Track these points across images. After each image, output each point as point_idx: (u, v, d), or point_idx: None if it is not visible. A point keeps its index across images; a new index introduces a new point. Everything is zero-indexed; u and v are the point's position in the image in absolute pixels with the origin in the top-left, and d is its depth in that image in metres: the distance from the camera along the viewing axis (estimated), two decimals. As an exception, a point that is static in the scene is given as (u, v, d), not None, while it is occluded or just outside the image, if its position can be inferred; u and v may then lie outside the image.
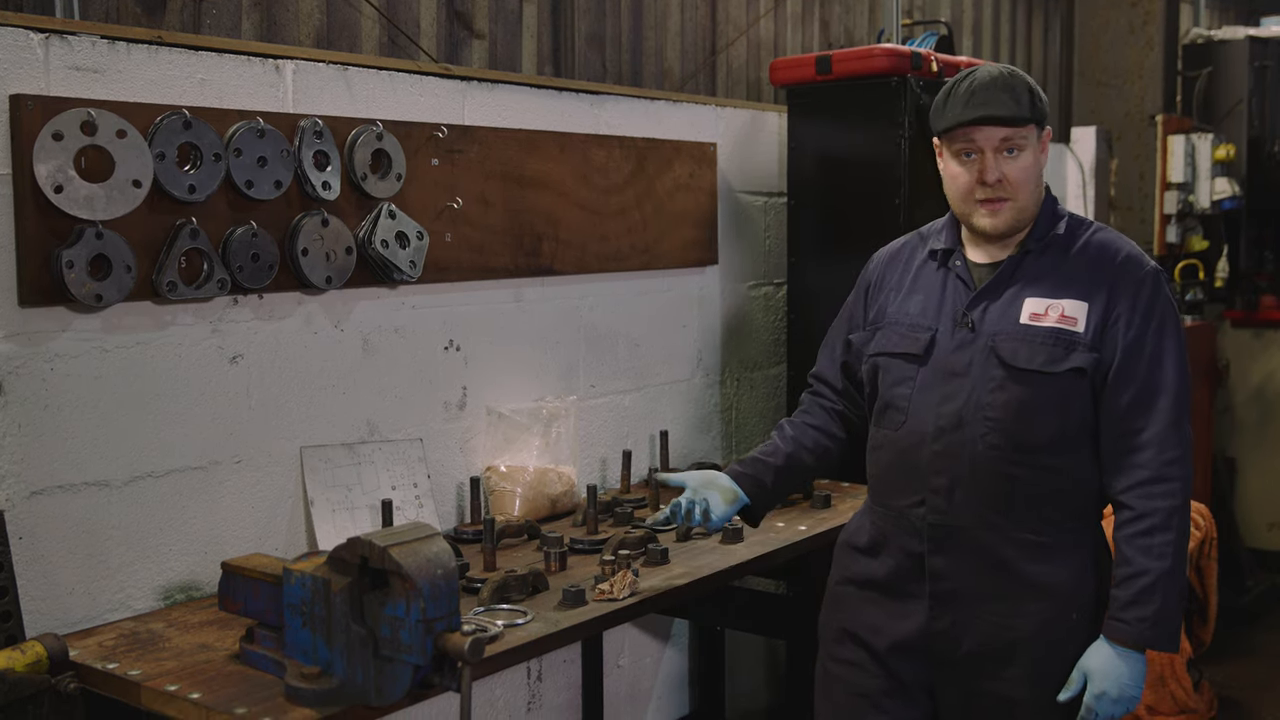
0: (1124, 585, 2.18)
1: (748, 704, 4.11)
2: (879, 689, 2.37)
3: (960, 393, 2.27)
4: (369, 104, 2.86)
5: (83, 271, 2.32)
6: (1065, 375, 2.22)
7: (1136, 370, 2.22)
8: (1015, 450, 2.23)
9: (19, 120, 2.26)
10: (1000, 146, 2.23)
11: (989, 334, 2.27)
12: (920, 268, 2.41)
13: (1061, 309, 2.24)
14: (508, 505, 3.08)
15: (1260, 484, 6.09)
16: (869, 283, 2.51)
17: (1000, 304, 2.28)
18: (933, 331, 2.33)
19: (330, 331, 2.82)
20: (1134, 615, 2.16)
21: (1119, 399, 2.22)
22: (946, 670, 2.32)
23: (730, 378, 3.99)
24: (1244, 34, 6.13)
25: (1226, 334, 6.15)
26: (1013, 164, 2.24)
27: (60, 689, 2.09)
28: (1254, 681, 4.74)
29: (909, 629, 2.32)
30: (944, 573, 2.29)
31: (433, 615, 1.84)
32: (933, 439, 2.28)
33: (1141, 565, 2.16)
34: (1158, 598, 2.15)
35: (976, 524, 2.26)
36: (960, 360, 2.28)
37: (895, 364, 2.36)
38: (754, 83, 4.35)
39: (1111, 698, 2.18)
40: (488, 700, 3.28)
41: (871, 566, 2.39)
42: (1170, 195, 5.81)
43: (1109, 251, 2.28)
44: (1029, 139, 2.25)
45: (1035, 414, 2.23)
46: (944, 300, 2.34)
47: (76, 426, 2.39)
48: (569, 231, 3.33)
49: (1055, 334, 2.23)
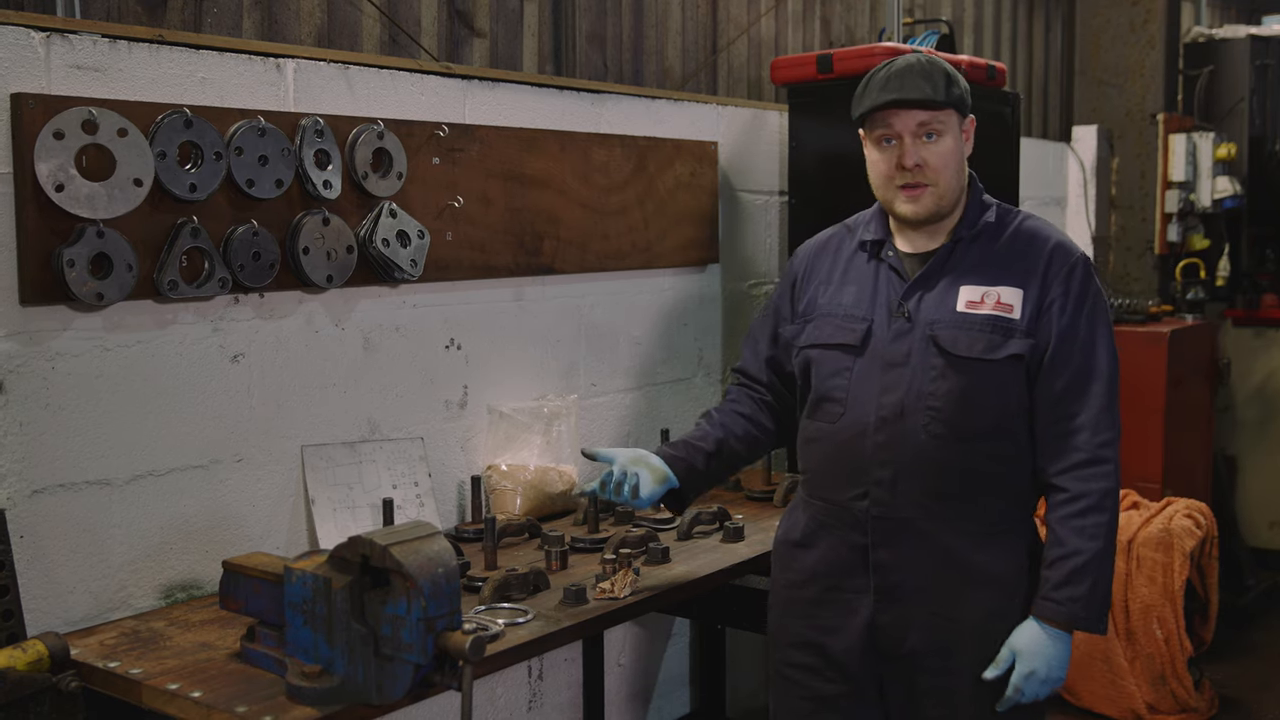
0: (1056, 566, 2.20)
1: (749, 702, 4.11)
2: (836, 692, 2.37)
3: (900, 383, 2.28)
4: (370, 103, 2.86)
5: (84, 270, 2.32)
6: (1005, 362, 2.24)
7: (1071, 356, 2.24)
8: (957, 439, 2.25)
9: (20, 119, 2.26)
10: (918, 131, 2.26)
11: (926, 323, 2.28)
12: (850, 259, 2.42)
13: (998, 296, 2.26)
14: (509, 504, 3.09)
15: (1261, 483, 6.09)
16: (795, 275, 2.51)
17: (935, 293, 2.29)
18: (869, 323, 2.33)
19: (331, 330, 2.82)
20: (1065, 595, 2.18)
21: (1053, 383, 2.25)
22: (892, 664, 2.32)
23: (731, 377, 3.98)
24: (1245, 32, 6.13)
25: (1227, 333, 6.15)
26: (931, 149, 2.26)
27: (61, 688, 2.09)
28: (1254, 681, 4.74)
29: (857, 625, 2.32)
30: (888, 565, 2.29)
31: (434, 614, 1.84)
32: (875, 430, 2.28)
33: (1075, 546, 2.19)
34: (1089, 578, 2.18)
35: (920, 514, 2.27)
36: (899, 350, 2.29)
37: (830, 355, 2.36)
38: (755, 81, 4.35)
39: (1040, 677, 2.20)
40: (489, 699, 3.28)
41: (812, 561, 2.38)
42: (1171, 194, 5.81)
43: (1039, 239, 2.31)
44: (947, 124, 2.27)
45: (976, 401, 2.24)
46: (877, 291, 2.35)
47: (78, 425, 2.40)
48: (570, 230, 3.33)
49: (993, 321, 2.25)
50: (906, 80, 2.24)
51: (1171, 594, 4.20)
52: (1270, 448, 6.09)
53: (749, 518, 3.07)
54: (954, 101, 2.27)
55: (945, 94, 2.25)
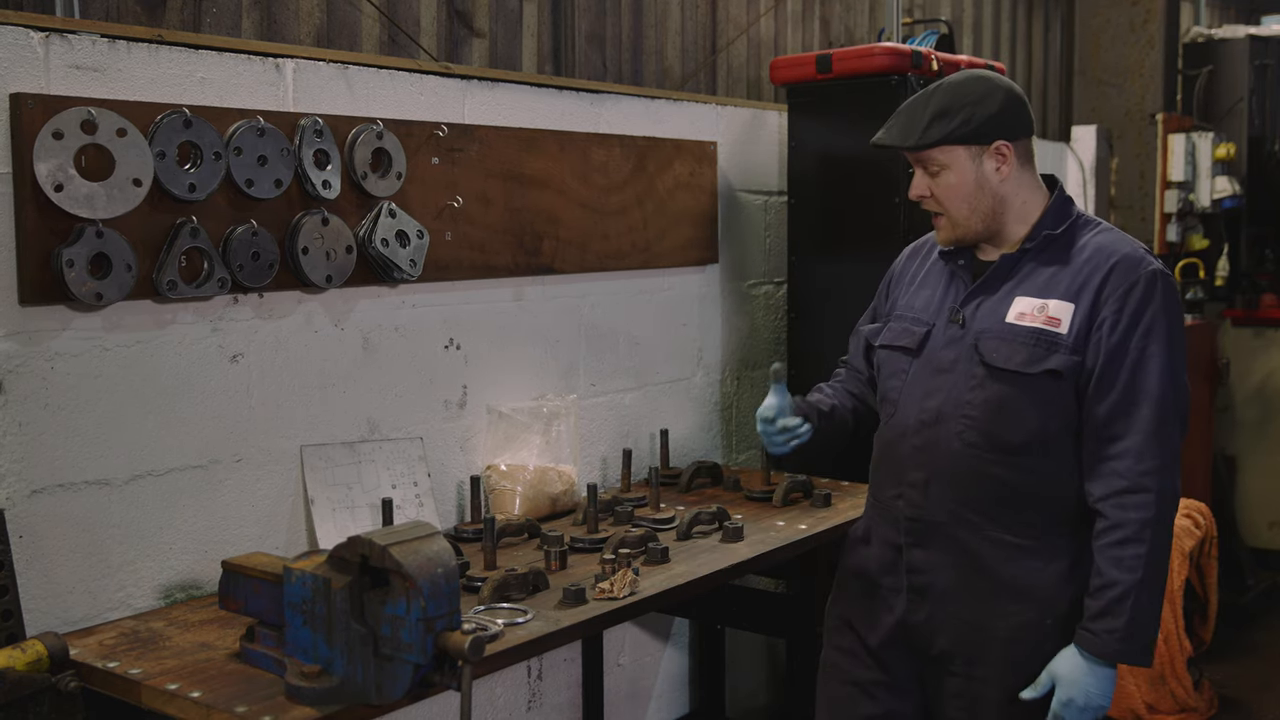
0: (1096, 595, 2.16)
1: (748, 702, 4.11)
2: (870, 679, 2.41)
3: (942, 389, 2.29)
4: (369, 103, 2.86)
5: (83, 270, 2.32)
6: (1042, 376, 2.20)
7: (1117, 376, 2.17)
8: (992, 449, 2.24)
9: (19, 119, 2.26)
10: (926, 166, 2.30)
11: (976, 332, 2.28)
12: (933, 264, 2.44)
13: (1047, 309, 2.22)
14: (508, 504, 3.08)
15: (1260, 483, 6.09)
16: (892, 275, 2.56)
17: (992, 301, 2.29)
18: (929, 326, 2.34)
19: (330, 330, 2.82)
20: (1103, 627, 2.14)
21: (1099, 405, 2.19)
22: (926, 664, 2.35)
23: (730, 376, 3.99)
24: (1244, 32, 6.13)
25: (1227, 333, 6.15)
26: (936, 183, 2.29)
27: (61, 688, 2.08)
28: (1254, 680, 4.74)
29: (890, 622, 2.36)
30: (920, 566, 2.32)
31: (433, 614, 1.84)
32: (913, 433, 2.31)
33: (1112, 577, 2.13)
34: (1127, 610, 2.12)
35: (951, 520, 2.28)
36: (947, 356, 2.30)
37: (893, 357, 2.40)
38: (754, 81, 4.35)
39: (1078, 706, 2.17)
40: (488, 699, 3.28)
41: (864, 557, 2.44)
42: (1170, 194, 5.81)
43: (1104, 253, 2.24)
44: (946, 160, 2.26)
45: (1013, 414, 2.22)
46: (945, 296, 2.36)
47: (77, 425, 2.39)
48: (569, 230, 3.33)
49: (1037, 334, 2.22)
50: (894, 123, 2.30)
51: (1170, 594, 4.20)
52: (1270, 448, 6.09)
53: (748, 518, 3.07)
54: (934, 141, 2.24)
55: (920, 137, 2.25)
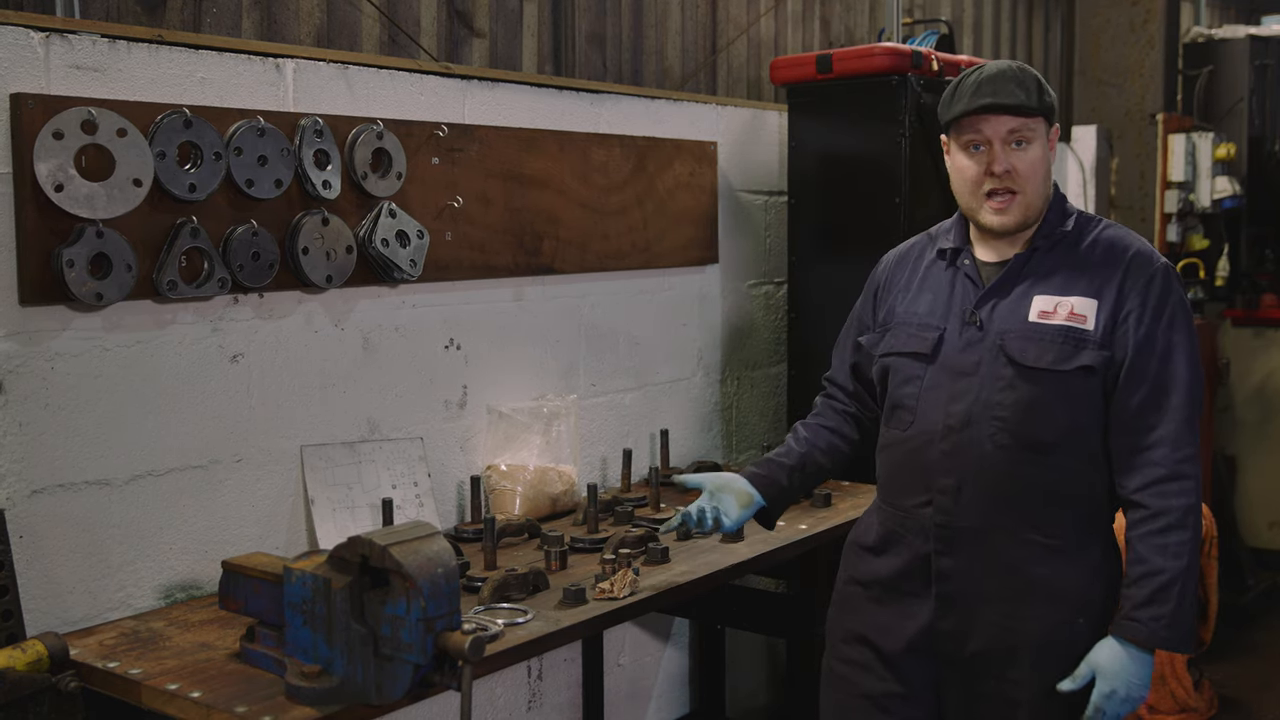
0: (1139, 584, 2.15)
1: (748, 703, 4.11)
2: (885, 691, 2.35)
3: (969, 392, 2.25)
4: (369, 103, 2.86)
5: (83, 270, 2.32)
6: (1074, 373, 2.20)
7: (1148, 368, 2.19)
8: (1024, 450, 2.22)
9: (19, 119, 2.26)
10: (1008, 138, 2.22)
11: (997, 332, 2.25)
12: (929, 267, 2.40)
13: (1070, 306, 2.22)
14: (508, 504, 3.08)
15: (1260, 483, 6.09)
16: (878, 284, 2.51)
17: (1009, 302, 2.27)
18: (941, 330, 2.31)
19: (331, 330, 2.82)
20: (1149, 615, 2.14)
21: (1131, 397, 2.19)
22: (951, 670, 2.31)
23: (731, 376, 3.99)
24: (1245, 33, 6.13)
25: (1227, 333, 6.15)
26: (1021, 156, 2.23)
27: (61, 688, 2.09)
28: (1254, 681, 4.74)
29: (915, 629, 2.31)
30: (950, 573, 2.28)
31: (433, 614, 1.84)
32: (941, 438, 2.27)
33: (1158, 564, 2.14)
34: (1174, 597, 2.13)
35: (984, 525, 2.25)
36: (968, 359, 2.27)
37: (904, 363, 2.35)
38: (754, 81, 4.35)
39: (1120, 696, 2.16)
40: (488, 699, 3.28)
41: (878, 566, 2.38)
42: (1171, 194, 5.81)
43: (1118, 248, 2.26)
44: (1037, 132, 2.24)
45: (1044, 413, 2.21)
46: (952, 299, 2.33)
47: (77, 425, 2.39)
48: (569, 230, 3.33)
49: (1064, 331, 2.21)
50: (1000, 85, 2.21)
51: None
52: (1270, 448, 6.09)
53: (748, 518, 3.07)
54: (1045, 109, 2.24)
55: (1038, 100, 2.22)
